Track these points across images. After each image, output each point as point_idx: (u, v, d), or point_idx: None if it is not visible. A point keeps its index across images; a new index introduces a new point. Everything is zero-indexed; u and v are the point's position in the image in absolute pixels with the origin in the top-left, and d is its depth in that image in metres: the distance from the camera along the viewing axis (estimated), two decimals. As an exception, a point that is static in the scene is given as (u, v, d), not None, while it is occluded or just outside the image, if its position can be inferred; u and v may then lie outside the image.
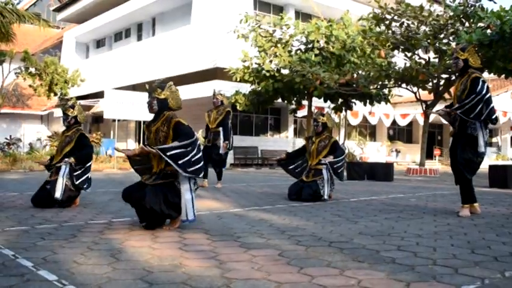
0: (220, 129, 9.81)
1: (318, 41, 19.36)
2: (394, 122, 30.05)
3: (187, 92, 22.52)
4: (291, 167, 8.14)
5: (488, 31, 14.12)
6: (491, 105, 5.69)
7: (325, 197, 7.55)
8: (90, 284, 2.80)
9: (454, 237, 4.44)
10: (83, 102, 28.62)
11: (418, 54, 17.04)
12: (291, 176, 8.31)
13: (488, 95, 5.66)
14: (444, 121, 30.83)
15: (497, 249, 3.95)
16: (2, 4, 17.76)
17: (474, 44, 11.29)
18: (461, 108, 5.72)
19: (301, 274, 3.08)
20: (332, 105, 21.23)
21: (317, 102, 21.67)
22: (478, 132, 5.76)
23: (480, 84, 5.66)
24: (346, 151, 8.02)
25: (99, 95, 26.38)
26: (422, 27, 16.17)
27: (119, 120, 20.97)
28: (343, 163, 7.86)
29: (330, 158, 7.55)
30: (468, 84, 5.76)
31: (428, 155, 24.43)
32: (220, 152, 9.78)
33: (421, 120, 23.79)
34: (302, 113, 23.20)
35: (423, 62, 16.73)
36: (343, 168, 7.85)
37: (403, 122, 29.82)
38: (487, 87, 5.72)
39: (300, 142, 24.76)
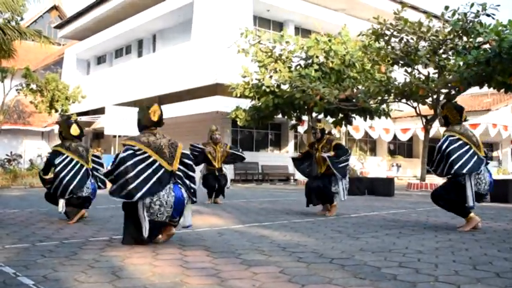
0: (223, 166, 10.29)
1: (317, 57, 19.45)
2: (394, 137, 30.08)
3: (187, 108, 22.64)
4: (302, 166, 8.46)
5: (487, 46, 14.20)
6: (451, 159, 5.78)
7: (343, 197, 7.75)
8: (91, 303, 2.79)
9: (456, 253, 4.43)
10: (83, 118, 28.72)
11: (417, 69, 17.11)
12: (301, 174, 8.69)
13: (448, 149, 5.82)
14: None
15: (499, 265, 3.93)
16: (5, 21, 17.89)
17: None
18: (431, 165, 6.11)
19: (302, 291, 3.07)
20: (332, 120, 21.28)
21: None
22: (466, 182, 5.84)
23: (442, 140, 5.95)
24: (350, 152, 8.11)
25: (100, 111, 26.47)
26: (422, 43, 16.26)
27: (119, 136, 20.98)
28: (346, 159, 7.78)
29: (330, 153, 7.63)
30: None
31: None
32: (228, 187, 10.41)
33: (421, 135, 23.81)
34: (303, 129, 23.22)
35: (423, 77, 16.80)
36: (345, 164, 7.78)
37: (403, 137, 29.84)
38: (450, 140, 5.87)
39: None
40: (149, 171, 4.68)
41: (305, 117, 21.37)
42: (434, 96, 16.96)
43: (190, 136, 23.78)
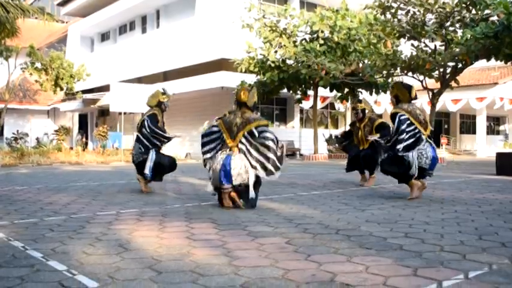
0: None
1: (322, 31, 19.26)
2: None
3: (192, 84, 22.56)
4: (341, 140, 9.20)
5: (495, 18, 13.99)
6: (399, 137, 6.15)
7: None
8: (100, 273, 2.83)
9: (462, 224, 4.44)
10: (89, 95, 28.74)
11: (424, 43, 16.91)
12: (339, 147, 9.55)
13: (400, 129, 6.13)
14: (452, 110, 29.86)
15: (505, 235, 3.94)
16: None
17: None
18: (387, 142, 6.48)
19: (308, 261, 3.10)
20: (338, 95, 21.18)
21: (323, 91, 21.60)
22: (408, 157, 6.18)
23: (397, 121, 6.21)
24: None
25: (105, 88, 26.43)
26: (429, 15, 16.02)
27: (125, 113, 21.00)
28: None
29: (375, 136, 7.89)
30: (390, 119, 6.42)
31: (435, 143, 24.29)
32: None
33: (427, 109, 23.65)
34: (308, 103, 23.16)
35: (429, 50, 16.61)
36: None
37: (409, 111, 29.64)
38: (403, 120, 6.17)
39: (306, 132, 24.77)
40: (215, 142, 5.78)
41: (310, 92, 21.27)
42: (441, 70, 16.81)
43: (195, 112, 23.78)
